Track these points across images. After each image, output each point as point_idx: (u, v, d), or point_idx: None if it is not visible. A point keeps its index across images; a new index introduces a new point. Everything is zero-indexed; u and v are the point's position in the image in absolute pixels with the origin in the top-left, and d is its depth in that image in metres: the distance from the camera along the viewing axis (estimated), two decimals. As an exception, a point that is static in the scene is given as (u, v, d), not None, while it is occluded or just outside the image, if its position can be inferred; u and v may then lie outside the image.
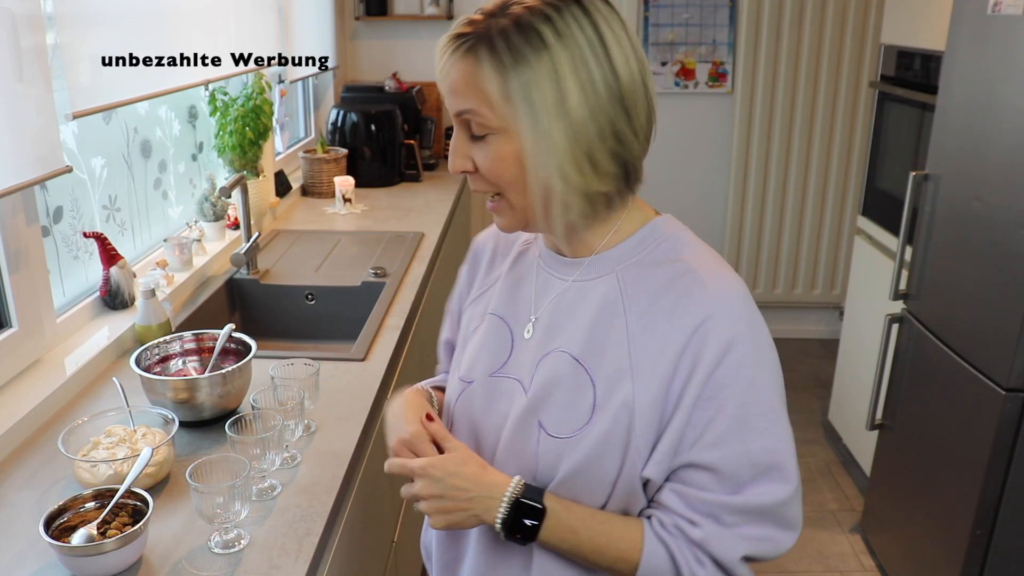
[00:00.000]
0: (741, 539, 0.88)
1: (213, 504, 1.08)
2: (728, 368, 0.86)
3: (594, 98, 0.85)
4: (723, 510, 0.88)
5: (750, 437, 0.87)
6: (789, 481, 0.88)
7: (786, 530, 0.90)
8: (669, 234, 0.95)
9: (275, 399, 1.34)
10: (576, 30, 0.84)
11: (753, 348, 0.87)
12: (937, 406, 2.20)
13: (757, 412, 0.87)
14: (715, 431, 0.87)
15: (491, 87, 0.85)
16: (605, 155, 0.87)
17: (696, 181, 4.02)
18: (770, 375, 0.89)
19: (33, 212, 1.54)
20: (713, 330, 0.86)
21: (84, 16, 1.59)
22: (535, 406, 0.94)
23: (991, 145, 1.95)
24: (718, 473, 0.88)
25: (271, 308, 2.18)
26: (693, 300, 0.88)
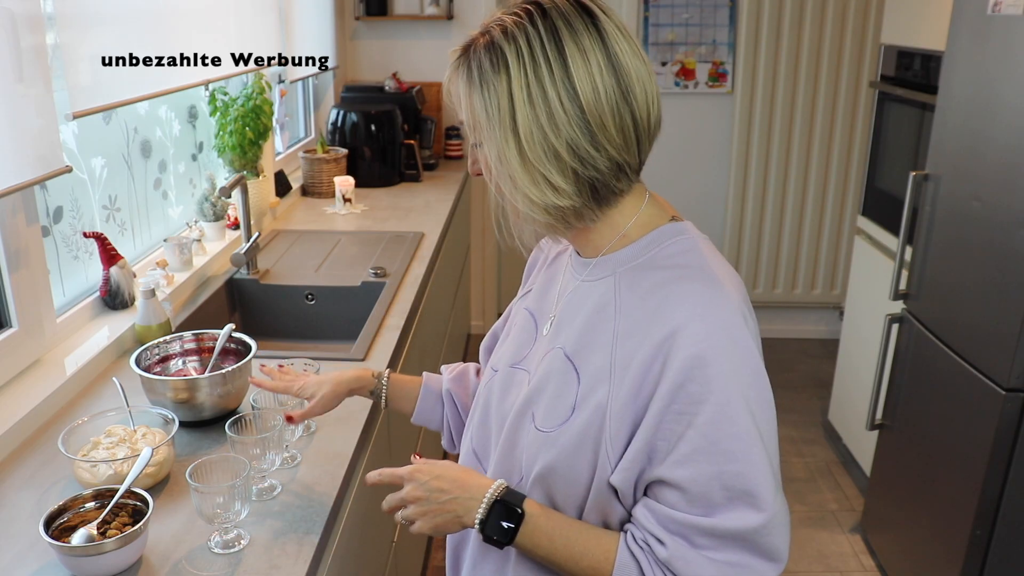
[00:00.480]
0: (710, 563, 0.86)
1: (213, 504, 1.08)
2: (700, 384, 0.84)
3: (547, 118, 0.86)
4: (693, 531, 0.86)
5: (721, 460, 0.84)
6: (763, 509, 0.85)
7: (765, 560, 0.86)
8: (673, 240, 0.94)
9: (275, 399, 1.34)
10: (538, 50, 0.85)
11: (727, 367, 0.85)
12: (937, 406, 2.20)
13: (729, 434, 0.84)
14: (685, 448, 0.85)
15: (464, 103, 0.91)
16: (560, 174, 0.88)
17: (696, 181, 4.02)
18: (746, 397, 0.85)
19: (33, 212, 1.54)
20: (683, 342, 0.85)
21: (84, 16, 1.59)
22: (531, 398, 0.97)
23: (991, 145, 1.95)
24: (687, 493, 0.86)
25: (271, 308, 2.18)
26: (670, 309, 0.88)
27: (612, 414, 0.88)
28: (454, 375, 1.26)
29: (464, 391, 1.24)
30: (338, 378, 1.25)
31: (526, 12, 0.87)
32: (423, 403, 1.26)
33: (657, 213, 0.97)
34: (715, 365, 0.84)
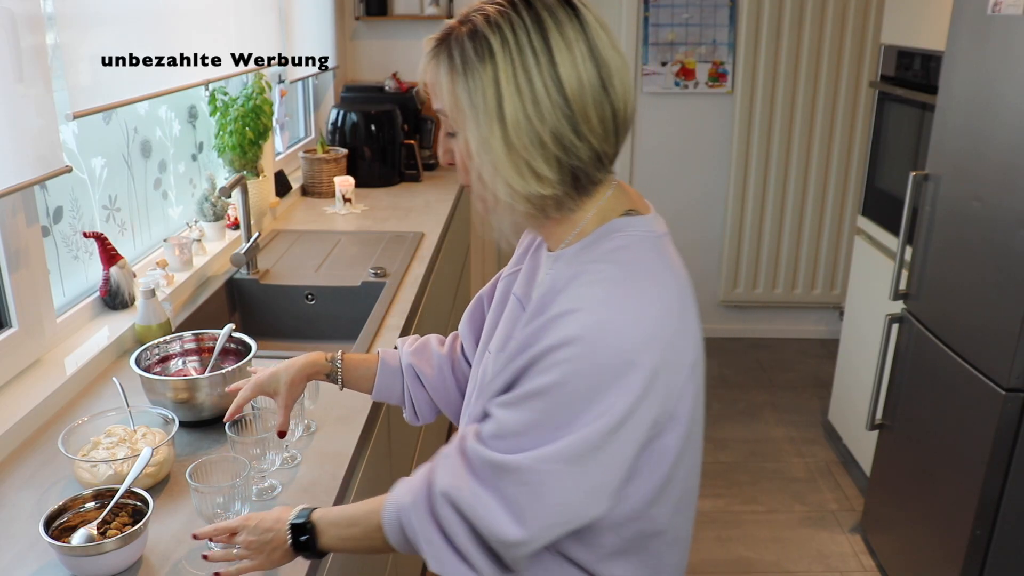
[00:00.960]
0: (462, 482, 0.89)
1: (213, 504, 1.09)
2: (554, 360, 0.85)
3: (533, 107, 0.87)
4: (476, 457, 0.89)
5: (529, 418, 0.87)
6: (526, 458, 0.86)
7: (509, 514, 0.87)
8: (613, 236, 0.94)
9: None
10: (524, 39, 0.87)
11: (575, 360, 0.85)
12: (937, 406, 2.20)
13: (554, 410, 0.86)
14: (515, 395, 0.88)
15: (445, 91, 0.90)
16: (544, 162, 0.89)
17: (696, 181, 4.02)
18: (580, 395, 0.85)
19: (33, 212, 1.54)
20: (564, 323, 0.86)
21: (84, 16, 1.59)
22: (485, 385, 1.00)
23: (991, 145, 1.95)
24: (491, 424, 0.90)
25: (271, 308, 2.18)
26: (567, 295, 0.89)
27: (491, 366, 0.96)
28: (414, 348, 1.28)
29: (427, 363, 1.25)
30: (290, 367, 1.24)
31: (510, 2, 0.89)
32: (381, 379, 1.27)
33: (614, 206, 0.97)
34: (572, 351, 0.85)
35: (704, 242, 4.11)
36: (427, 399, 1.26)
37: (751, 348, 4.11)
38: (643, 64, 3.84)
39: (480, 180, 0.93)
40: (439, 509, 0.90)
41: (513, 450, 0.87)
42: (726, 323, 4.22)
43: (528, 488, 0.86)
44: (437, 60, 0.91)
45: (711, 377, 3.75)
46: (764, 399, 3.63)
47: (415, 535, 0.92)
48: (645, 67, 3.84)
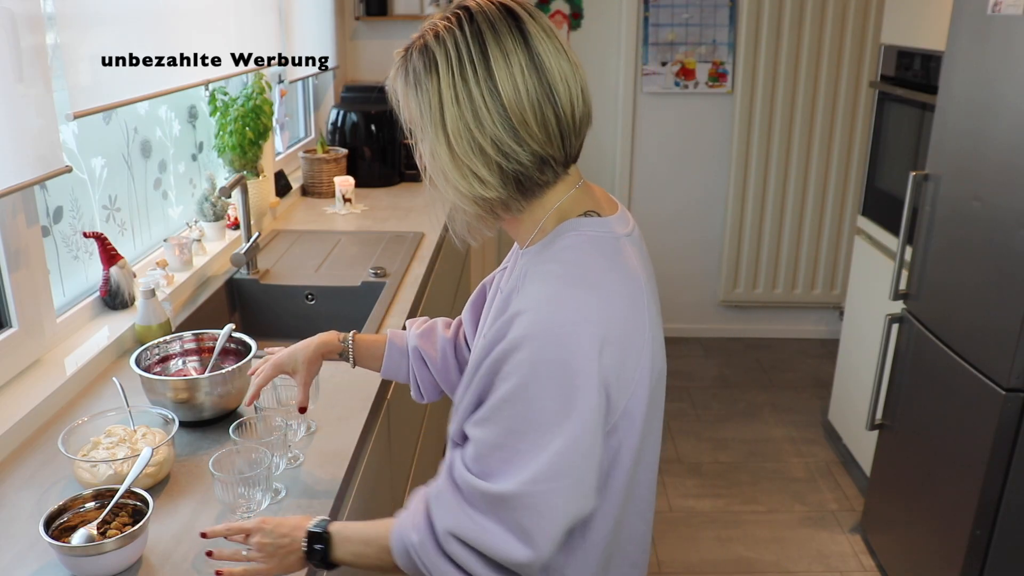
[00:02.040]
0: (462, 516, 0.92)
1: (235, 494, 1.11)
2: (511, 365, 0.90)
3: (472, 116, 0.92)
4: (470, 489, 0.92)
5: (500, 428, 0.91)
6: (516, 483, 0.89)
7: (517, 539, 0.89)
8: (566, 235, 0.99)
9: (275, 399, 1.34)
10: (464, 52, 0.92)
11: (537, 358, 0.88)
12: (937, 406, 2.20)
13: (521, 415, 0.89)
14: (483, 410, 0.93)
15: (403, 103, 0.98)
16: (485, 168, 0.94)
17: (696, 181, 4.02)
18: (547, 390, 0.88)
19: (33, 212, 1.54)
20: (515, 325, 0.91)
21: (84, 16, 1.59)
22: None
23: (991, 145, 1.95)
24: (473, 449, 0.93)
25: (271, 308, 2.18)
26: (520, 296, 0.95)
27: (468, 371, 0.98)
28: (421, 331, 1.32)
29: (431, 346, 1.30)
30: (307, 346, 1.30)
31: (455, 17, 0.94)
32: (388, 360, 1.32)
33: (572, 206, 1.01)
34: (524, 354, 0.89)
35: (704, 242, 4.11)
36: (431, 380, 1.31)
37: (751, 348, 4.11)
38: (643, 64, 3.84)
39: (433, 184, 0.99)
40: (448, 547, 0.94)
41: (497, 469, 0.91)
42: (726, 323, 4.22)
43: (528, 511, 0.89)
44: (397, 73, 0.98)
45: (711, 377, 3.75)
46: (764, 399, 3.63)
47: (429, 571, 0.96)
48: (645, 67, 3.84)
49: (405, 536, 0.98)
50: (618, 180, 4.01)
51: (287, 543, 1.04)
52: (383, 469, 1.68)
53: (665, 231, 4.04)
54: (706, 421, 3.35)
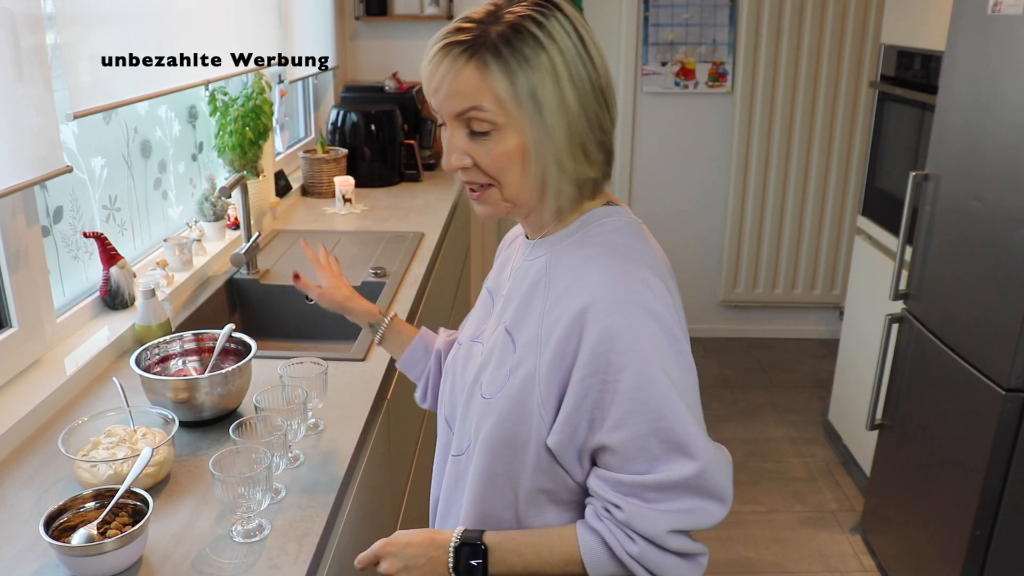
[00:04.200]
0: (664, 514, 0.94)
1: (235, 494, 1.10)
2: (617, 355, 0.91)
3: (583, 94, 0.95)
4: (640, 488, 0.94)
5: (650, 419, 0.92)
6: (696, 457, 0.93)
7: (712, 500, 0.94)
8: (601, 221, 1.02)
9: (283, 398, 1.34)
10: (563, 34, 0.94)
11: (640, 340, 0.92)
12: (937, 406, 2.20)
13: (653, 396, 0.92)
14: (617, 414, 0.93)
15: (500, 88, 0.92)
16: (594, 144, 0.97)
17: (696, 181, 4.02)
18: (666, 367, 0.93)
19: (33, 212, 1.54)
20: (592, 317, 0.93)
21: (84, 16, 1.59)
22: (480, 370, 1.05)
23: (991, 145, 1.95)
24: (626, 454, 0.93)
25: (271, 308, 2.18)
26: (582, 285, 0.95)
27: (539, 380, 0.96)
28: (450, 338, 1.32)
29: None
30: (354, 295, 1.38)
31: (539, 4, 0.95)
32: (412, 351, 1.33)
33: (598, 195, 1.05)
34: (627, 336, 0.92)
35: (704, 242, 4.11)
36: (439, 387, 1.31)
37: (751, 348, 4.11)
38: (643, 64, 3.84)
39: (525, 175, 0.96)
40: (672, 543, 0.94)
41: (663, 453, 0.93)
42: (726, 323, 4.22)
43: (711, 471, 0.93)
44: (478, 60, 0.92)
45: (711, 377, 3.75)
46: (764, 399, 3.63)
47: (655, 572, 0.96)
48: (645, 67, 3.84)
49: (616, 548, 0.95)
50: (618, 180, 4.01)
51: (424, 563, 1.01)
52: (383, 469, 1.68)
53: (665, 231, 4.04)
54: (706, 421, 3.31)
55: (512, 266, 1.12)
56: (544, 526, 1.02)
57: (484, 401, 1.02)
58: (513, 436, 0.99)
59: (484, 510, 1.04)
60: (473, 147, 0.96)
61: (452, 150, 0.98)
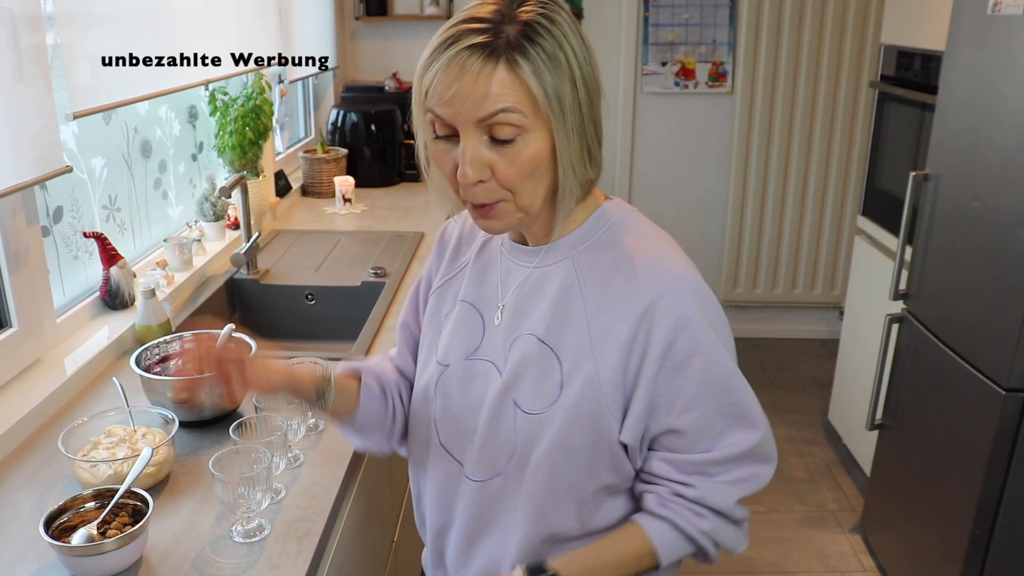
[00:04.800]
0: (729, 485, 0.98)
1: (235, 493, 1.10)
2: (687, 341, 0.94)
3: (592, 93, 0.93)
4: (707, 465, 0.97)
5: (719, 395, 0.96)
6: (758, 427, 0.98)
7: (765, 464, 1.00)
8: (616, 218, 1.02)
9: (283, 398, 1.34)
10: (571, 32, 0.91)
11: (706, 322, 0.95)
12: (937, 406, 2.20)
13: (721, 375, 0.95)
14: (687, 397, 0.95)
15: (533, 87, 0.88)
16: (597, 146, 0.96)
17: (696, 181, 4.02)
18: (725, 343, 0.97)
19: (33, 212, 1.54)
20: (662, 310, 0.93)
21: (84, 16, 1.59)
22: (509, 387, 1.00)
23: (991, 145, 1.95)
24: (694, 434, 0.96)
25: (271, 308, 2.18)
26: (641, 282, 0.95)
27: (603, 383, 0.95)
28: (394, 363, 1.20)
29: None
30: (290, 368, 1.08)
31: (544, 3, 0.91)
32: (369, 398, 1.13)
33: (592, 194, 1.03)
34: (695, 323, 0.94)
35: (704, 242, 4.11)
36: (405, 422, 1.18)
37: (751, 348, 4.11)
38: (643, 64, 3.84)
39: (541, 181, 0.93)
40: (737, 513, 0.99)
41: (725, 429, 0.97)
42: (726, 323, 4.22)
43: (766, 440, 0.99)
44: (507, 62, 0.87)
45: (711, 377, 3.74)
46: (764, 399, 3.60)
47: (724, 544, 1.01)
48: (645, 67, 3.84)
49: (688, 528, 0.98)
50: (618, 180, 4.01)
51: None
52: (383, 469, 1.68)
53: (665, 231, 4.03)
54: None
55: (501, 275, 1.06)
56: (605, 521, 1.02)
57: (530, 416, 0.98)
58: (581, 444, 0.97)
59: (547, 525, 1.01)
60: (493, 157, 0.90)
61: (472, 162, 0.89)
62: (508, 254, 1.06)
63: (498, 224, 0.96)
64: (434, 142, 0.94)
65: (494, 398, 1.01)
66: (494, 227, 0.97)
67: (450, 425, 1.07)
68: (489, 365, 1.03)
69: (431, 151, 0.96)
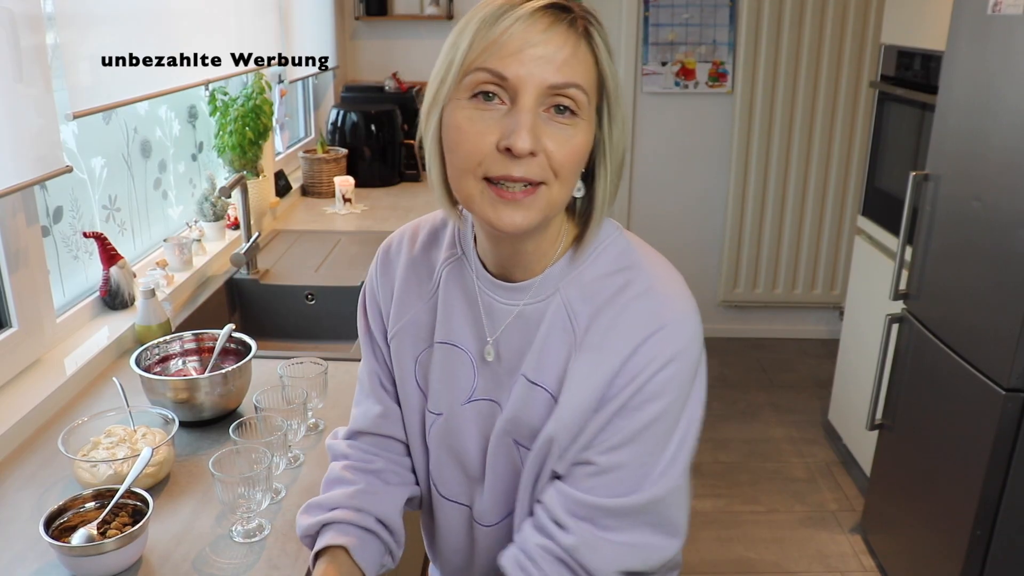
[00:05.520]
0: (615, 547, 0.87)
1: (235, 494, 1.10)
2: (658, 383, 0.86)
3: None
4: (601, 513, 0.87)
5: (649, 444, 0.87)
6: (665, 478, 0.87)
7: (666, 535, 0.89)
8: (605, 246, 0.92)
9: (283, 398, 1.34)
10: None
11: (690, 366, 0.88)
12: (937, 406, 2.20)
13: (668, 424, 0.87)
14: (621, 436, 0.87)
15: (605, 71, 0.83)
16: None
17: (696, 181, 4.02)
18: (696, 394, 0.90)
19: (33, 212, 1.54)
20: (664, 340, 0.86)
21: (84, 16, 1.59)
22: (509, 429, 0.94)
23: (991, 145, 1.95)
24: (608, 475, 0.87)
25: (271, 308, 2.18)
26: (646, 310, 0.87)
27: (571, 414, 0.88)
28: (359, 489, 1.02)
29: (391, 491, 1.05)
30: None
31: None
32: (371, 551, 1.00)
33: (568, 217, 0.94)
34: (682, 364, 0.87)
35: (704, 242, 4.11)
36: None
37: (751, 348, 4.11)
38: (643, 64, 3.84)
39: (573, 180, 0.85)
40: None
41: (645, 477, 0.87)
42: (726, 323, 4.22)
43: (678, 502, 0.89)
44: (588, 37, 0.82)
45: (711, 377, 3.74)
46: (764, 399, 3.63)
47: None
48: (645, 67, 3.84)
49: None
50: (618, 180, 4.00)
51: None
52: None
53: (665, 231, 4.04)
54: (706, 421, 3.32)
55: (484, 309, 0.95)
56: None
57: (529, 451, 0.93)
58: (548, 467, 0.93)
59: None
60: (547, 133, 0.80)
61: (532, 130, 0.78)
62: (488, 289, 0.95)
63: (527, 215, 0.82)
64: (470, 102, 0.80)
65: (497, 439, 0.95)
66: (520, 219, 0.82)
67: (447, 474, 1.02)
68: (493, 405, 0.96)
69: (458, 120, 0.81)
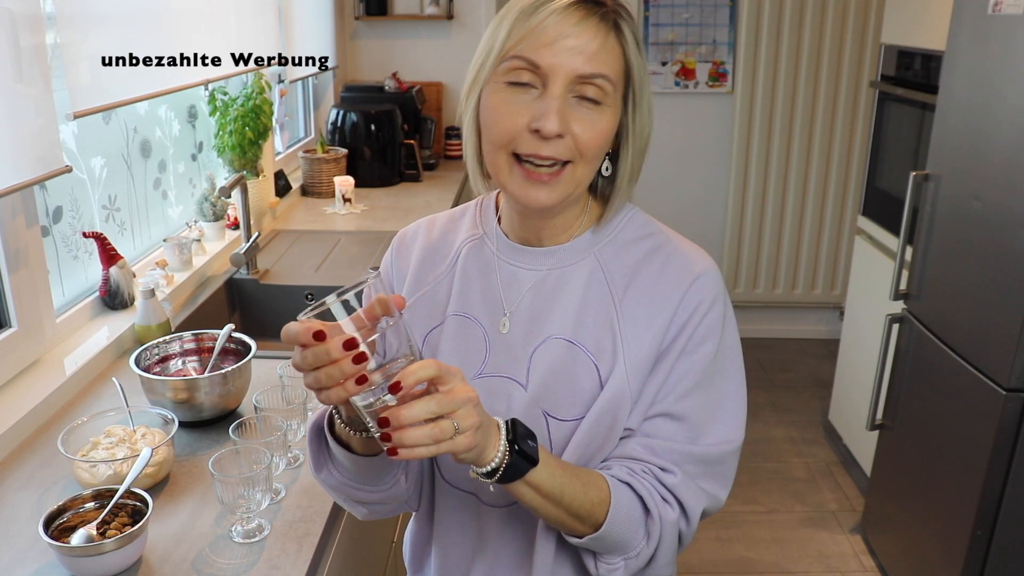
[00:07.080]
0: (701, 492, 0.94)
1: (235, 493, 1.10)
2: (706, 325, 0.93)
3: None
4: (685, 459, 0.93)
5: (714, 386, 0.94)
6: (739, 429, 0.96)
7: (725, 487, 0.97)
8: (629, 217, 1.02)
9: (282, 398, 1.34)
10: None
11: (726, 309, 0.96)
12: (937, 406, 2.20)
13: (724, 365, 0.95)
14: (688, 382, 0.93)
15: (632, 62, 0.90)
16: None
17: (696, 181, 4.02)
18: (735, 334, 0.98)
19: (33, 212, 1.54)
20: (704, 287, 0.94)
21: (84, 16, 1.59)
22: (538, 398, 0.94)
23: (991, 145, 1.95)
24: (684, 422, 0.93)
25: (271, 308, 2.18)
26: (679, 264, 0.95)
27: (632, 373, 0.92)
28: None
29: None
30: None
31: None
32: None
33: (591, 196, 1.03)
34: (719, 308, 0.94)
35: (704, 242, 4.10)
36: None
37: (751, 348, 4.11)
38: (643, 64, 3.84)
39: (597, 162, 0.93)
40: (695, 522, 0.95)
41: (715, 427, 0.94)
42: (726, 323, 4.22)
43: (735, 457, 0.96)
44: (618, 29, 0.89)
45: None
46: (764, 399, 3.63)
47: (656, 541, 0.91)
48: (645, 67, 3.84)
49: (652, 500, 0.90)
50: (618, 180, 4.00)
51: (488, 425, 0.81)
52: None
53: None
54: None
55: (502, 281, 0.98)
56: None
57: (568, 423, 0.93)
58: (611, 433, 0.92)
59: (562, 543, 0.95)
60: (573, 117, 0.87)
61: (560, 114, 0.86)
62: (509, 259, 0.99)
63: (552, 193, 0.89)
64: (507, 88, 0.88)
65: (521, 415, 0.93)
66: (545, 197, 0.89)
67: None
68: (506, 381, 0.95)
69: (494, 101, 0.89)
